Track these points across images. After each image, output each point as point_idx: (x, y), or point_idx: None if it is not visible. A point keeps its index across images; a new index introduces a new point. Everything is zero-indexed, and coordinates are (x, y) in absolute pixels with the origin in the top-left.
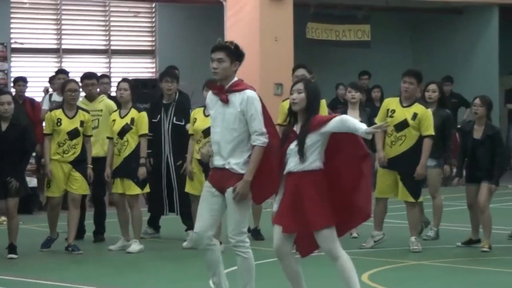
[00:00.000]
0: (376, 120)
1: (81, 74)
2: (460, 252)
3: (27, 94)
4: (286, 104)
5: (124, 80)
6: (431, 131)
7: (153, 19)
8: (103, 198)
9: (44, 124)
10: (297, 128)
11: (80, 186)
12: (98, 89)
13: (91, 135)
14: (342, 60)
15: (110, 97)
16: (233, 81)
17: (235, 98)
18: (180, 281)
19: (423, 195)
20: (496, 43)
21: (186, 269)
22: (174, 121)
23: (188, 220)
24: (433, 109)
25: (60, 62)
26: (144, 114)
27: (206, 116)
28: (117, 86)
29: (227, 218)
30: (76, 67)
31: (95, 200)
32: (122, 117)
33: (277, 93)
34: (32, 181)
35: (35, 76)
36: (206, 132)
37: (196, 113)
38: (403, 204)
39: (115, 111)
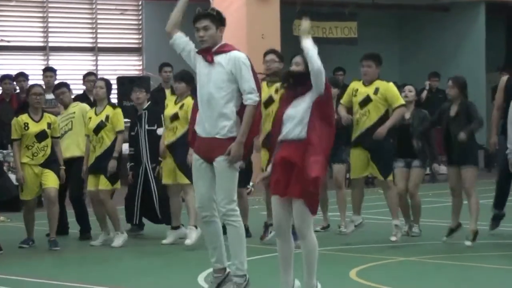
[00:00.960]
0: (341, 101)
1: (68, 72)
2: (447, 248)
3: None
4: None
5: (101, 78)
6: (401, 101)
7: (140, 17)
8: (82, 198)
9: (12, 129)
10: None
11: (51, 180)
12: (71, 96)
13: (59, 137)
14: (329, 57)
15: None
16: (221, 43)
17: (222, 58)
18: (165, 277)
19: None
20: (483, 40)
21: (170, 265)
22: (147, 127)
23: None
24: (411, 110)
25: (47, 59)
26: (119, 111)
27: (176, 103)
28: (94, 84)
29: (216, 187)
30: (63, 65)
31: (74, 200)
32: (97, 115)
33: None
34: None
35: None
36: (172, 118)
37: (169, 100)
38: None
39: (92, 108)
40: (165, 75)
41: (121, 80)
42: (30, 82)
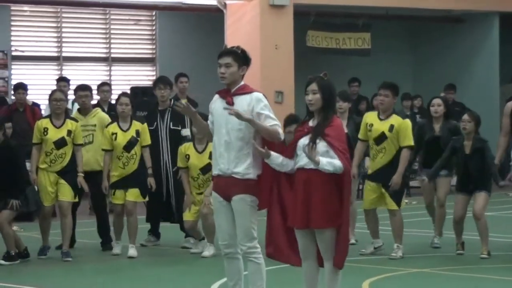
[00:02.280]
0: (359, 136)
1: (81, 82)
2: (461, 260)
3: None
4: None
5: (125, 94)
6: (409, 142)
7: (154, 27)
8: (105, 211)
9: (34, 133)
10: (312, 124)
11: (66, 193)
12: (91, 101)
13: (82, 144)
14: (343, 68)
15: (110, 105)
16: (240, 85)
17: (242, 100)
18: (180, 286)
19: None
20: (497, 51)
21: (184, 274)
22: (171, 126)
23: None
24: (440, 124)
25: (61, 69)
26: (146, 126)
27: (200, 152)
28: (118, 100)
29: (236, 226)
30: (76, 75)
31: (99, 212)
32: (125, 131)
33: (278, 101)
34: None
35: (36, 84)
36: (204, 170)
37: (187, 149)
38: (404, 212)
39: (111, 123)
40: (181, 85)
41: (134, 90)
42: (43, 92)
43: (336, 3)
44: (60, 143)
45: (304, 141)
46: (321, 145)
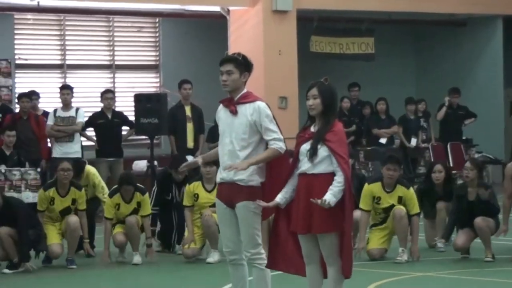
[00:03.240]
0: (361, 205)
1: (85, 89)
2: (466, 264)
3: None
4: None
5: (128, 182)
6: (417, 210)
7: (157, 34)
8: (92, 216)
9: (37, 200)
10: (314, 129)
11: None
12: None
13: (84, 209)
14: (347, 73)
15: (114, 112)
16: (242, 92)
17: (245, 109)
18: None
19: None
20: (501, 55)
21: (188, 281)
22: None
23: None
24: (441, 188)
25: (64, 77)
26: (147, 196)
27: (209, 191)
28: (120, 187)
29: (240, 232)
30: (80, 82)
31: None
32: (128, 203)
33: (282, 107)
34: (36, 197)
35: (40, 92)
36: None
37: (196, 188)
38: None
39: (115, 193)
40: (185, 92)
41: (138, 97)
42: (47, 100)
43: (339, 8)
44: (65, 212)
45: (306, 146)
46: (322, 150)
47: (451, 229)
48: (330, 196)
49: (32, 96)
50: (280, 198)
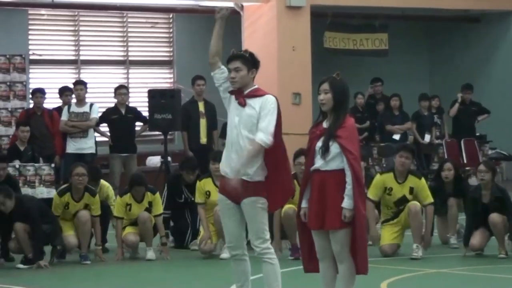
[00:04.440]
0: (369, 194)
1: (99, 85)
2: (480, 260)
3: (45, 105)
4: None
5: (141, 184)
6: (431, 199)
7: (171, 30)
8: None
9: (52, 205)
10: (326, 125)
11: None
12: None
13: (99, 215)
14: (360, 69)
15: (127, 108)
16: (252, 88)
17: (255, 102)
18: None
19: None
20: None
21: (199, 277)
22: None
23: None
24: (451, 187)
25: (78, 73)
26: (158, 195)
27: None
28: (132, 189)
29: (248, 228)
30: (94, 78)
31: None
32: (139, 202)
33: (295, 103)
34: (51, 192)
35: (54, 87)
36: None
37: (206, 184)
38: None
39: (126, 193)
40: (198, 88)
41: (152, 93)
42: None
43: (353, 4)
44: None
45: (319, 143)
46: (334, 147)
47: (470, 232)
48: (347, 203)
49: (37, 93)
50: (304, 202)
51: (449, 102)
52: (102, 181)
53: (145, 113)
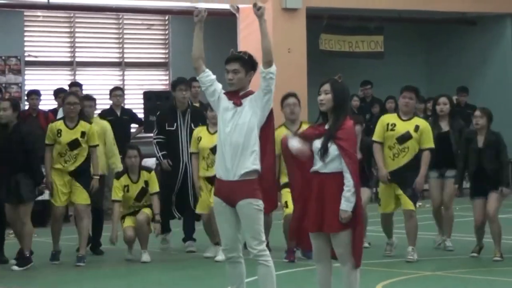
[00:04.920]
0: (374, 137)
1: (94, 86)
2: (475, 263)
3: (40, 107)
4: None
5: (132, 146)
6: (432, 144)
7: (166, 31)
8: (101, 211)
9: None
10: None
11: (80, 196)
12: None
13: (97, 145)
14: (356, 71)
15: (123, 109)
16: (247, 90)
17: (249, 100)
18: None
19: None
20: (510, 53)
21: (196, 278)
22: (193, 127)
23: (192, 230)
24: (446, 122)
25: (74, 75)
26: (153, 174)
27: (212, 133)
28: (126, 153)
29: (243, 230)
30: (89, 80)
31: (94, 211)
32: (135, 182)
33: None
34: (46, 194)
35: (49, 89)
36: (214, 150)
37: (200, 131)
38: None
39: (122, 175)
40: (194, 90)
41: (147, 95)
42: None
43: (348, 6)
44: (74, 144)
45: (317, 144)
46: (333, 149)
47: (462, 175)
48: (345, 205)
49: (33, 95)
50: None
51: None
52: (106, 123)
53: (141, 115)
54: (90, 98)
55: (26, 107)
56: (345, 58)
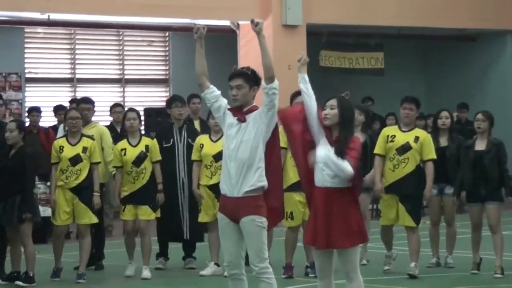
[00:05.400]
0: (376, 150)
1: (95, 103)
2: (475, 279)
3: (41, 123)
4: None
5: (131, 109)
6: (433, 155)
7: (167, 48)
8: (102, 225)
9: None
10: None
11: (82, 215)
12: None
13: (99, 162)
14: (356, 87)
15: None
16: (251, 105)
17: (254, 116)
18: None
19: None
20: (510, 70)
21: None
22: (190, 142)
23: (192, 248)
24: (446, 137)
25: (74, 91)
26: (155, 141)
27: (214, 141)
28: (125, 116)
29: (247, 247)
30: (90, 96)
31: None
32: (134, 146)
33: None
34: (46, 211)
35: (50, 105)
36: (217, 157)
37: (202, 139)
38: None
39: (123, 140)
40: (194, 106)
41: (148, 112)
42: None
43: (348, 22)
44: (75, 160)
45: (323, 153)
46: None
47: (460, 187)
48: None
49: (33, 112)
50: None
51: None
52: (103, 128)
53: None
54: (88, 101)
55: (27, 124)
56: (345, 74)
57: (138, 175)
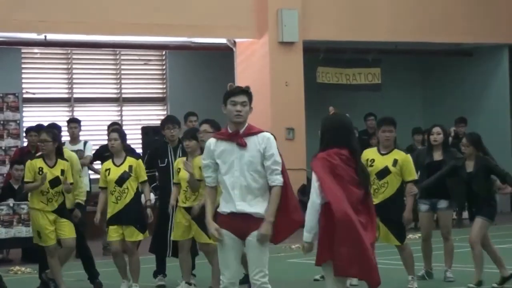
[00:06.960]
0: None
1: (92, 122)
2: None
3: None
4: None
5: (114, 130)
6: (414, 176)
7: (164, 67)
8: (85, 244)
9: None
10: None
11: (68, 231)
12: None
13: (72, 183)
14: (353, 103)
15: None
16: (246, 125)
17: (253, 141)
18: None
19: (435, 237)
20: (507, 84)
21: None
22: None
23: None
24: (440, 152)
25: (72, 111)
26: (140, 162)
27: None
28: (108, 136)
29: (249, 261)
30: (87, 116)
31: (78, 248)
32: (118, 166)
33: (289, 138)
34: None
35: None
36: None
37: (179, 163)
38: (414, 247)
39: (108, 160)
40: (191, 124)
41: (145, 130)
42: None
43: (345, 38)
44: (55, 182)
45: None
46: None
47: (430, 183)
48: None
49: (31, 132)
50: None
51: None
52: (70, 153)
53: (139, 150)
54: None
55: (25, 144)
56: (343, 90)
57: (120, 194)
